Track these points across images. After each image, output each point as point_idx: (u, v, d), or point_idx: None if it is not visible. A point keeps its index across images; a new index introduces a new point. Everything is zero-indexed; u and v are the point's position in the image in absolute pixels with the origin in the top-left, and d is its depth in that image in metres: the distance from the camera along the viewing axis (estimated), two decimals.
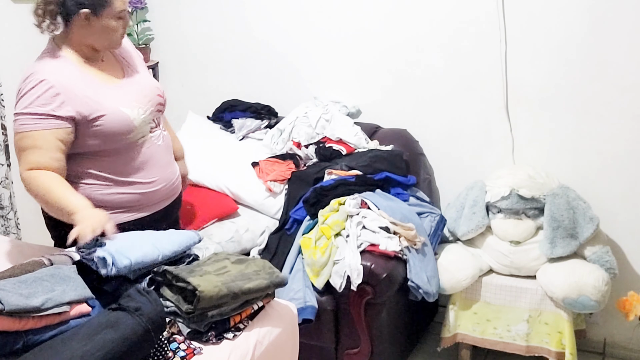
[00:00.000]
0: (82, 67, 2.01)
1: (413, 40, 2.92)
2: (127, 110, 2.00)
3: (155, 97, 2.12)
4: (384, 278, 2.28)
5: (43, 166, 1.91)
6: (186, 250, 1.82)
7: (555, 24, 2.65)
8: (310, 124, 2.92)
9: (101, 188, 2.04)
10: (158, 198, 2.14)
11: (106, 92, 2.00)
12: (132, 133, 2.02)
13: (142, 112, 2.04)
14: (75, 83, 1.95)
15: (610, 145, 2.66)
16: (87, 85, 1.97)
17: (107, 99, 1.98)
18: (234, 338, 1.65)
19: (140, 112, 2.03)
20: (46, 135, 1.91)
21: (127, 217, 2.07)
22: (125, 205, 2.07)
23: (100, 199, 2.01)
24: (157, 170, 2.12)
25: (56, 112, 1.91)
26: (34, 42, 3.07)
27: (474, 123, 2.89)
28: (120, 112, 1.98)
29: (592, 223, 2.51)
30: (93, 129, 1.96)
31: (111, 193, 2.05)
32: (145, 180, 2.09)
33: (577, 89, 2.67)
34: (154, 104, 2.10)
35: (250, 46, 3.26)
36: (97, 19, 1.94)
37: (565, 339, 2.46)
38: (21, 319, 1.36)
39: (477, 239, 2.68)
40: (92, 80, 2.00)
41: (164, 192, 2.16)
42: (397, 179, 2.69)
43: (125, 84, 2.08)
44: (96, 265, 1.60)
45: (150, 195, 2.11)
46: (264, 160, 2.87)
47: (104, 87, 2.01)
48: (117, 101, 2.00)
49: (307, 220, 2.58)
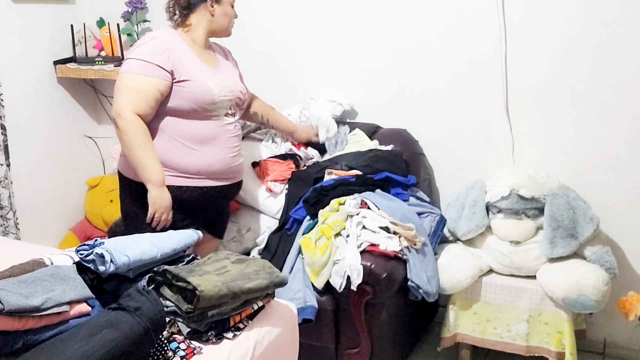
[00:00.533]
0: (190, 44, 2.40)
1: (413, 40, 2.92)
2: (212, 85, 2.34)
3: (237, 91, 2.47)
4: (384, 278, 2.27)
5: (142, 112, 2.24)
6: (186, 248, 1.82)
7: (555, 24, 2.65)
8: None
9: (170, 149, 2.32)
10: (216, 174, 2.39)
11: (200, 66, 2.37)
12: (211, 106, 2.34)
13: (223, 93, 2.37)
14: (179, 49, 2.34)
15: (610, 145, 2.66)
16: (188, 56, 2.35)
17: (198, 71, 2.34)
18: (233, 338, 1.65)
19: (222, 93, 2.36)
20: (151, 82, 2.25)
21: (184, 181, 2.33)
22: (184, 170, 2.33)
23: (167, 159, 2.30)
24: (221, 150, 2.39)
25: (163, 65, 2.26)
26: (34, 42, 3.09)
27: (473, 123, 2.89)
28: (206, 83, 2.33)
29: (592, 223, 2.51)
30: (180, 89, 2.29)
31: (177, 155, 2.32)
32: (209, 153, 2.36)
33: (577, 88, 2.67)
34: (235, 95, 2.45)
35: (250, 46, 3.26)
36: (219, 5, 2.42)
37: (565, 339, 2.46)
38: (21, 319, 1.36)
39: (477, 239, 2.68)
40: (192, 55, 2.37)
41: (223, 172, 2.41)
42: (397, 179, 2.68)
43: (217, 72, 2.43)
44: (95, 263, 1.60)
45: (208, 168, 2.36)
46: (264, 161, 2.87)
47: (200, 63, 2.38)
48: (205, 76, 2.35)
49: (307, 220, 2.58)
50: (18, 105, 2.98)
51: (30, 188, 3.09)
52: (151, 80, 2.25)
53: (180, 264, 1.78)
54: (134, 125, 2.22)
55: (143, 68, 2.26)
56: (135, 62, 2.28)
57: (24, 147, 3.04)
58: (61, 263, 1.70)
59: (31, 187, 3.10)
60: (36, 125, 3.13)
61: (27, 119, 3.06)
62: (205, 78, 2.34)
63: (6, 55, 2.93)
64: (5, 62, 2.91)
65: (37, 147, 3.13)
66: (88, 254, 1.61)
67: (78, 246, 1.66)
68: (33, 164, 3.12)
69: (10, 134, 2.91)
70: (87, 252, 1.62)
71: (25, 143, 3.05)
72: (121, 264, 1.60)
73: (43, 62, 3.15)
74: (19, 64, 3.00)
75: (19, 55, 3.00)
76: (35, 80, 3.11)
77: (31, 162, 3.10)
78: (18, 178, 2.98)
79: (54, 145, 3.25)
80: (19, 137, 3.00)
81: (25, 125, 3.05)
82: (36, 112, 3.12)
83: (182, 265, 1.74)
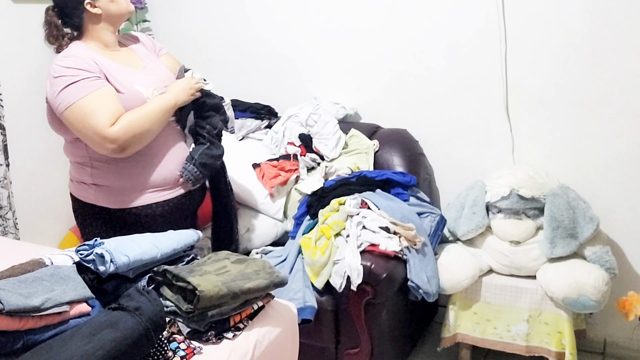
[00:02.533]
0: (102, 51, 2.17)
1: (413, 40, 2.92)
2: (142, 89, 2.13)
3: (168, 82, 2.24)
4: (384, 278, 2.27)
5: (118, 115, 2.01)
6: (186, 248, 1.82)
7: (555, 24, 2.64)
8: (301, 121, 2.94)
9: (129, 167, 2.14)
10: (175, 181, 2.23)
11: (123, 71, 2.14)
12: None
13: (157, 93, 2.16)
14: (94, 57, 2.10)
15: (610, 145, 2.66)
16: (106, 64, 2.12)
17: (122, 78, 2.11)
18: (233, 338, 1.65)
19: (156, 93, 2.16)
20: (102, 93, 2.02)
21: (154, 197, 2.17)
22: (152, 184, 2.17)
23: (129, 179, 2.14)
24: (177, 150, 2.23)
25: (96, 73, 2.05)
26: (34, 42, 3.08)
27: (474, 123, 2.89)
28: (135, 89, 2.11)
29: (592, 223, 2.50)
30: None
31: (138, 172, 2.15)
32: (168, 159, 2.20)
33: (577, 88, 2.67)
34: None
35: (250, 46, 3.26)
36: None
37: (565, 339, 2.46)
38: (21, 319, 1.36)
39: (477, 239, 2.68)
40: (109, 61, 2.14)
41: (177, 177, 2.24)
42: (397, 179, 2.69)
43: (141, 71, 2.22)
44: (95, 263, 1.60)
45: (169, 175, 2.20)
46: (265, 163, 2.86)
47: (121, 67, 2.16)
48: (132, 81, 2.13)
49: (307, 220, 2.58)
50: (18, 105, 2.98)
51: (30, 188, 3.08)
52: (100, 91, 2.02)
53: (180, 264, 1.77)
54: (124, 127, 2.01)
55: (82, 89, 2.01)
56: (69, 89, 2.01)
57: (24, 147, 3.04)
58: (61, 263, 1.70)
59: (31, 187, 3.09)
60: (36, 125, 3.12)
61: (26, 119, 3.05)
62: (133, 83, 2.13)
63: (6, 55, 2.92)
64: (5, 62, 2.91)
65: (37, 147, 3.12)
66: (88, 254, 1.61)
67: (78, 246, 1.66)
68: (33, 164, 3.11)
69: (10, 134, 2.91)
70: (87, 252, 1.62)
71: (25, 143, 3.05)
72: (121, 264, 1.60)
73: (43, 62, 3.12)
74: (19, 64, 3.00)
75: (19, 55, 3.00)
76: (35, 80, 3.10)
77: (31, 162, 3.10)
78: (18, 178, 2.98)
79: (54, 145, 3.24)
80: (18, 137, 2.99)
81: (25, 125, 3.04)
82: (36, 112, 3.11)
83: (182, 265, 1.74)
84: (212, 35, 3.33)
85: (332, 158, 2.87)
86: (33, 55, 3.09)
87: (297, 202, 2.76)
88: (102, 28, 2.18)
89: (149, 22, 3.41)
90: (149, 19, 3.40)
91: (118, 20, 2.22)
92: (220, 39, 3.32)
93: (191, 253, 1.86)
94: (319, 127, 2.90)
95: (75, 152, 2.20)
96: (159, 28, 3.44)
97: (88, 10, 2.13)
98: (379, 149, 2.90)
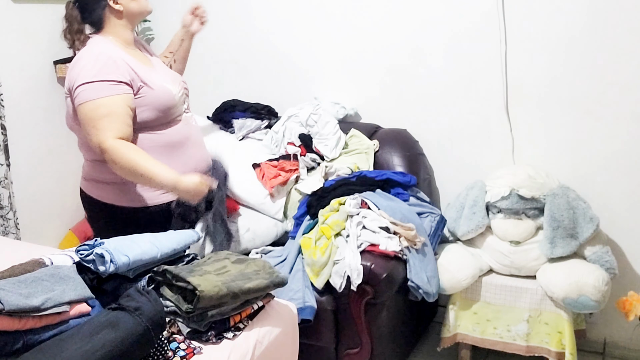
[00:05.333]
0: (125, 48, 2.21)
1: (413, 40, 2.92)
2: (169, 86, 2.20)
3: (181, 82, 2.34)
4: (384, 278, 2.27)
5: (123, 134, 2.03)
6: (185, 248, 1.82)
7: (555, 24, 2.65)
8: (301, 121, 2.94)
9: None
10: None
11: (146, 69, 2.19)
12: (175, 108, 2.21)
13: (177, 89, 2.24)
14: (123, 56, 2.14)
15: (610, 145, 2.66)
16: (130, 61, 2.14)
17: (147, 74, 2.16)
18: (233, 338, 1.65)
19: (177, 90, 2.24)
20: (118, 101, 2.04)
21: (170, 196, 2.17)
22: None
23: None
24: (198, 148, 2.30)
25: (121, 78, 2.06)
26: (34, 42, 3.09)
27: (473, 123, 2.89)
28: (164, 86, 2.18)
29: (592, 223, 2.50)
30: (140, 99, 2.11)
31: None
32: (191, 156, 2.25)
33: (577, 89, 2.67)
34: (183, 87, 2.33)
35: (251, 46, 3.26)
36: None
37: (565, 339, 2.46)
38: (21, 319, 1.36)
39: (477, 239, 2.68)
40: (133, 60, 2.17)
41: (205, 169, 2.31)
42: (397, 179, 2.69)
43: (155, 70, 2.27)
44: (95, 263, 1.60)
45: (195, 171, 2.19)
46: (265, 163, 2.86)
47: (144, 66, 2.20)
48: (158, 77, 2.20)
49: (307, 220, 2.58)
50: (18, 105, 2.98)
51: (30, 188, 3.08)
52: (117, 98, 2.04)
53: (180, 264, 1.78)
54: (121, 150, 2.00)
55: (102, 90, 2.03)
56: (91, 86, 2.03)
57: (24, 147, 3.04)
58: (61, 263, 1.70)
59: (31, 187, 3.09)
60: (36, 125, 3.13)
61: (27, 119, 3.05)
62: (161, 80, 2.19)
63: (6, 55, 2.92)
64: (5, 62, 2.91)
65: (37, 147, 3.13)
66: (88, 254, 1.61)
67: (78, 246, 1.66)
68: (33, 164, 3.11)
69: (10, 134, 2.91)
70: (87, 252, 1.62)
71: (25, 143, 3.05)
72: (121, 264, 1.60)
73: (43, 62, 3.14)
74: (19, 64, 3.00)
75: (19, 55, 3.00)
76: (35, 80, 3.11)
77: (31, 162, 3.10)
78: (18, 178, 2.98)
79: (54, 145, 3.24)
80: (19, 137, 2.99)
81: (25, 125, 3.04)
82: (36, 112, 3.12)
83: (182, 265, 1.74)
84: (212, 35, 3.32)
85: (332, 158, 2.87)
86: (33, 55, 3.09)
87: (297, 202, 2.76)
88: (122, 25, 2.22)
89: (149, 22, 3.41)
90: (149, 19, 3.39)
91: (137, 19, 2.29)
92: (220, 39, 3.32)
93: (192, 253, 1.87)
94: (319, 127, 2.90)
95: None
96: (159, 28, 3.44)
97: (110, 5, 2.18)
98: (379, 149, 2.90)
